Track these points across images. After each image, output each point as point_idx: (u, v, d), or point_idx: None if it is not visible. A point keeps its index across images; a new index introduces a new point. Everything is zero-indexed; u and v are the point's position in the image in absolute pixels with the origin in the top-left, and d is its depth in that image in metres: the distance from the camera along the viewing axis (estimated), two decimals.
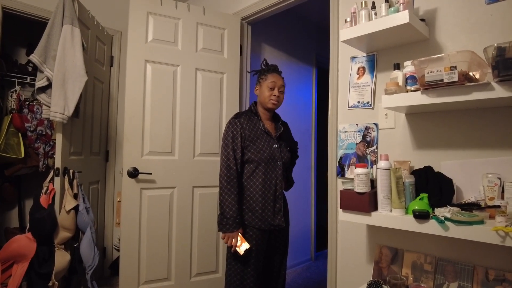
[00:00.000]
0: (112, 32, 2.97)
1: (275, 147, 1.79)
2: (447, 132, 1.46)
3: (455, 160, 1.43)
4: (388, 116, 1.64)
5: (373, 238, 1.68)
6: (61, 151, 2.09)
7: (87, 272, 2.05)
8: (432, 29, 1.52)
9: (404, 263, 1.53)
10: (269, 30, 3.14)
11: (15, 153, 2.60)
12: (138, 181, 2.15)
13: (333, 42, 1.92)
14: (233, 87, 2.48)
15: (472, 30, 1.41)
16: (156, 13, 2.24)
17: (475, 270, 1.32)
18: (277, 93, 1.79)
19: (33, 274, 1.98)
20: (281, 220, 1.76)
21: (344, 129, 1.80)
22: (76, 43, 2.08)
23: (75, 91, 2.06)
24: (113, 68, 3.01)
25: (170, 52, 2.27)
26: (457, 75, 1.13)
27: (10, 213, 2.95)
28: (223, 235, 1.69)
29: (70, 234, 2.03)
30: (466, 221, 1.14)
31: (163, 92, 2.25)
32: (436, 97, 1.22)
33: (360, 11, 1.52)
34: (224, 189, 1.69)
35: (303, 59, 3.55)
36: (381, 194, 1.36)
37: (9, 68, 2.76)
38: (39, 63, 2.00)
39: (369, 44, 1.64)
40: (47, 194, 2.04)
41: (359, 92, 1.75)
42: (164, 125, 2.24)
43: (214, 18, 2.43)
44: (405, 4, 1.37)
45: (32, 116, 2.80)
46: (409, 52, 1.58)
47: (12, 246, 1.95)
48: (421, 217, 1.23)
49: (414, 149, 1.56)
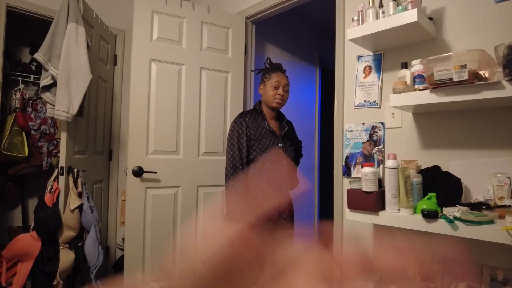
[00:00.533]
0: (116, 31, 2.97)
1: (280, 146, 1.78)
2: (455, 131, 1.45)
3: (462, 159, 1.42)
4: (395, 115, 1.63)
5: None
6: (65, 150, 2.09)
7: (92, 271, 2.04)
8: (439, 28, 1.51)
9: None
10: (273, 30, 3.14)
11: (18, 152, 2.60)
12: (143, 180, 2.14)
13: (339, 41, 1.91)
14: (237, 86, 2.47)
15: (480, 29, 1.40)
16: (161, 12, 2.23)
17: (483, 270, 1.32)
18: (282, 92, 1.78)
19: (37, 273, 1.97)
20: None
21: (350, 128, 1.79)
22: (81, 41, 2.07)
23: (80, 89, 2.06)
24: (117, 67, 3.00)
25: (174, 51, 2.26)
26: (467, 73, 1.12)
27: (13, 212, 2.95)
28: None
29: (75, 233, 2.03)
30: (476, 221, 1.13)
31: (168, 91, 2.24)
32: (445, 96, 1.21)
33: (368, 10, 1.51)
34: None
35: (306, 58, 3.54)
36: (389, 193, 1.35)
37: (13, 67, 2.75)
38: (44, 61, 2.00)
39: (375, 43, 1.63)
40: (52, 193, 2.03)
41: (366, 91, 1.74)
42: (168, 124, 2.23)
43: (219, 17, 2.42)
44: (413, 3, 1.36)
45: (36, 115, 2.80)
46: (416, 51, 1.57)
47: (16, 245, 1.94)
48: (430, 217, 1.23)
49: (421, 149, 1.55)
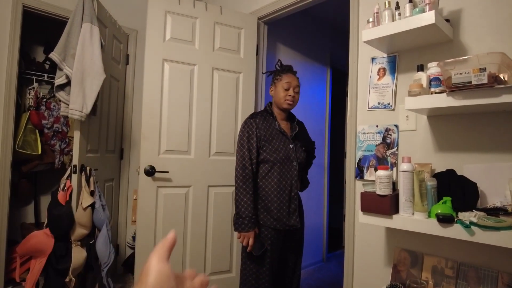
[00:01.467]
0: (128, 30, 2.99)
1: (290, 147, 1.78)
2: (470, 134, 1.43)
3: (478, 163, 1.40)
4: (409, 118, 1.61)
5: (391, 240, 1.66)
6: (78, 148, 2.11)
7: (103, 269, 2.06)
8: (456, 30, 1.49)
9: (424, 267, 1.50)
10: (284, 30, 3.13)
11: (32, 149, 2.64)
12: (155, 180, 2.16)
13: (353, 42, 1.89)
14: (249, 87, 2.47)
15: (499, 31, 1.38)
16: (174, 12, 2.24)
17: (499, 276, 1.30)
18: (292, 93, 1.78)
19: (50, 270, 2.00)
20: (296, 220, 1.76)
21: (364, 130, 1.78)
22: (95, 41, 2.09)
23: (93, 89, 2.08)
24: (129, 66, 3.02)
25: (187, 51, 2.27)
26: (487, 77, 1.11)
27: (26, 209, 2.99)
28: (239, 235, 1.69)
29: (87, 231, 2.05)
30: (494, 226, 1.12)
31: (180, 91, 2.25)
32: (462, 99, 1.20)
33: (383, 12, 1.50)
34: (239, 189, 1.69)
35: (317, 59, 3.53)
36: (403, 196, 1.34)
37: (27, 66, 2.80)
38: (59, 61, 2.02)
39: (390, 45, 1.62)
40: (65, 191, 2.06)
41: (380, 93, 1.73)
42: (180, 123, 2.24)
43: (231, 18, 2.42)
44: (430, 5, 1.34)
45: (49, 113, 2.84)
46: (432, 54, 1.56)
47: (31, 242, 1.97)
48: (445, 221, 1.21)
49: (436, 152, 1.53)
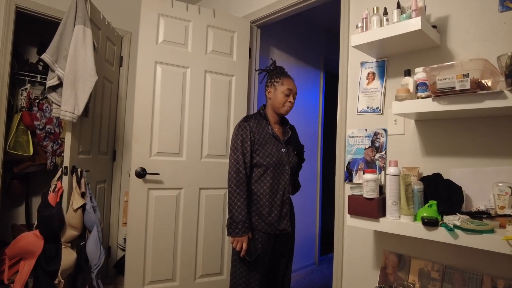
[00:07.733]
0: (122, 32, 3.00)
1: (283, 151, 1.78)
2: (457, 139, 1.45)
3: (464, 167, 1.42)
4: (397, 122, 1.64)
5: (380, 244, 1.68)
6: (70, 149, 2.10)
7: (93, 271, 2.06)
8: (443, 36, 1.52)
9: (411, 270, 1.52)
10: (278, 33, 3.15)
11: (24, 150, 2.63)
12: (146, 182, 2.16)
13: (343, 47, 1.92)
14: (241, 90, 2.48)
15: (485, 38, 1.40)
16: (167, 15, 2.25)
17: (483, 279, 1.32)
18: (293, 100, 1.78)
19: (40, 271, 1.99)
20: (287, 224, 1.76)
21: (353, 134, 1.79)
22: (88, 43, 2.10)
23: (85, 90, 2.08)
24: (122, 68, 3.03)
25: (180, 54, 2.28)
26: (470, 83, 1.13)
27: (17, 210, 2.97)
28: (232, 239, 1.68)
29: (77, 232, 2.04)
30: (476, 230, 1.13)
31: (173, 94, 2.26)
32: (447, 104, 1.22)
33: (372, 17, 1.52)
34: (233, 193, 1.68)
35: (311, 62, 3.55)
36: (390, 200, 1.35)
37: (20, 67, 2.79)
38: (51, 62, 2.02)
39: (379, 50, 1.64)
40: (55, 192, 2.05)
41: (369, 98, 1.75)
42: (172, 126, 2.25)
43: (224, 21, 2.44)
44: (417, 11, 1.37)
45: (42, 114, 2.83)
46: (420, 59, 1.58)
47: (20, 243, 1.96)
48: (430, 224, 1.23)
49: (423, 156, 1.55)
